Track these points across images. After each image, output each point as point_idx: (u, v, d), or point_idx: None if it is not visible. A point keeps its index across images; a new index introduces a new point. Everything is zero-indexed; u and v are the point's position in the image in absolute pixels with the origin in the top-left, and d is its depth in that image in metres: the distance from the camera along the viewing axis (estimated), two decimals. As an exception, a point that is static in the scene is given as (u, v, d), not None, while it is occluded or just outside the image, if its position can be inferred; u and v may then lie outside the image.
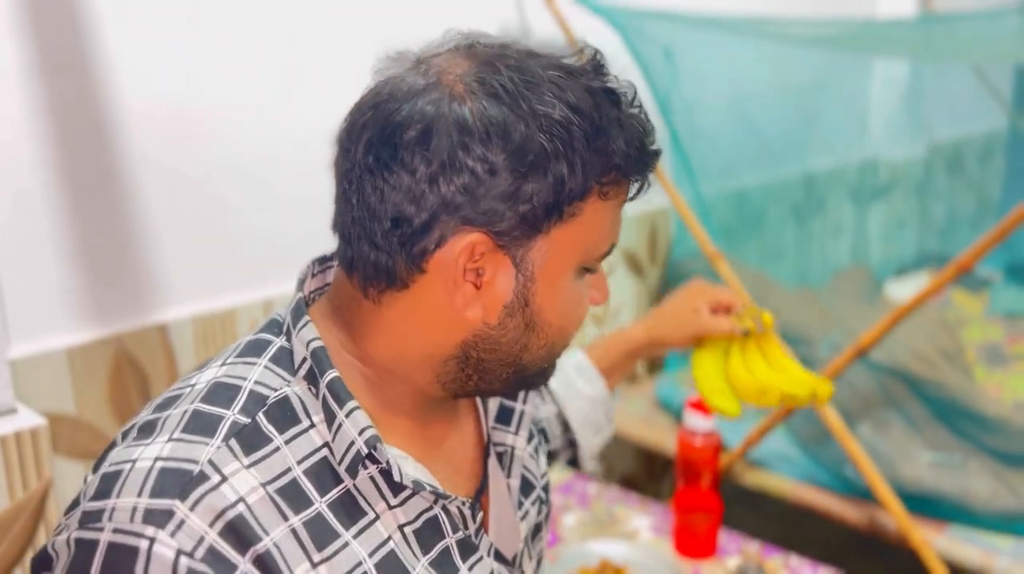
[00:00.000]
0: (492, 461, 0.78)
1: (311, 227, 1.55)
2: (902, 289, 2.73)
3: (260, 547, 0.58)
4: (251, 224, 1.48)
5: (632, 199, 0.69)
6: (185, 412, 0.63)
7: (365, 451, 0.64)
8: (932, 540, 1.57)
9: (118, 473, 0.60)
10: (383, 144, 0.62)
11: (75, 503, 0.61)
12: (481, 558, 0.72)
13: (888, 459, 1.67)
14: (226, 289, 1.46)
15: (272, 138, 1.48)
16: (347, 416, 0.64)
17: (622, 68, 0.72)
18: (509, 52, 0.65)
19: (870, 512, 1.67)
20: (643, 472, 2.41)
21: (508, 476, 0.79)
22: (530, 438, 0.86)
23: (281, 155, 1.49)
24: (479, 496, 0.75)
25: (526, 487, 0.82)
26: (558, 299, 0.67)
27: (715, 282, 2.03)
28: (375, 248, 0.64)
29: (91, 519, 0.58)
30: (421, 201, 0.62)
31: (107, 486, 0.59)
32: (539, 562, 0.87)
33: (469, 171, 0.61)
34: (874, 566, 1.62)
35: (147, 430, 0.62)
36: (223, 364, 0.67)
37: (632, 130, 0.66)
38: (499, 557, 0.75)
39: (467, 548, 0.71)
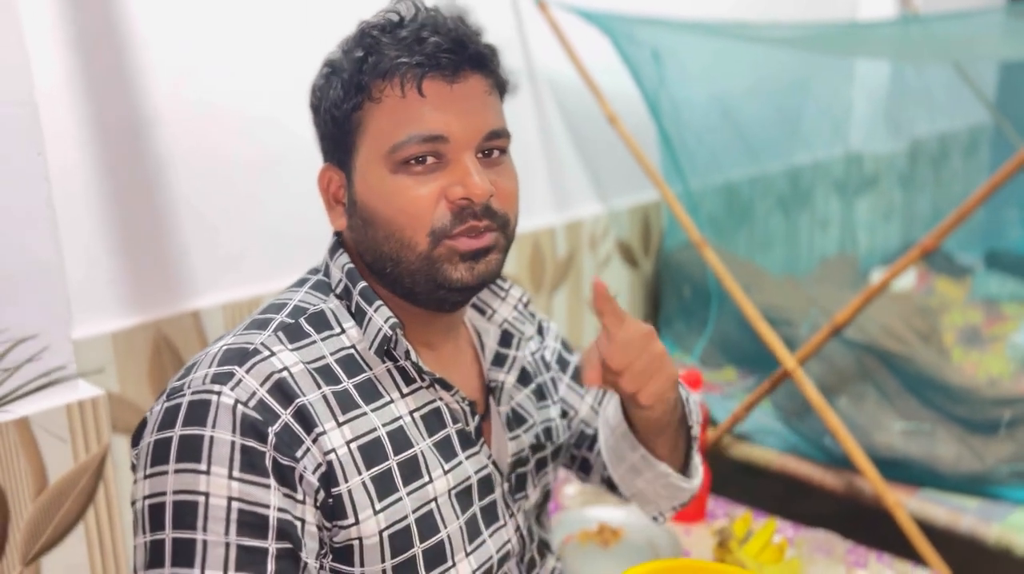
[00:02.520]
0: (492, 398, 0.94)
1: (328, 224, 1.68)
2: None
3: (299, 402, 0.75)
4: (275, 219, 1.61)
5: (424, 73, 0.78)
6: (246, 321, 0.83)
7: (390, 334, 0.80)
8: (904, 502, 1.70)
9: (196, 361, 0.78)
10: None
11: (163, 389, 0.78)
12: (477, 453, 0.87)
13: (864, 429, 1.79)
14: (253, 279, 1.59)
15: (293, 139, 1.60)
16: (375, 311, 0.81)
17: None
18: (366, 21, 0.83)
19: (848, 478, 1.80)
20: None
21: (499, 404, 0.94)
22: (527, 383, 1.00)
23: (301, 154, 1.62)
24: (481, 421, 0.89)
25: (518, 418, 0.96)
26: (374, 191, 0.80)
27: (704, 269, 2.17)
28: None
29: (175, 391, 0.76)
30: None
31: (187, 369, 0.78)
32: (545, 495, 1.01)
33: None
34: (853, 527, 1.74)
35: (219, 338, 0.82)
36: (278, 295, 0.87)
37: (389, 42, 0.79)
38: (496, 467, 0.89)
39: (466, 440, 0.86)
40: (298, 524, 0.73)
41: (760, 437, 1.96)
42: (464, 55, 0.79)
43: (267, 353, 0.76)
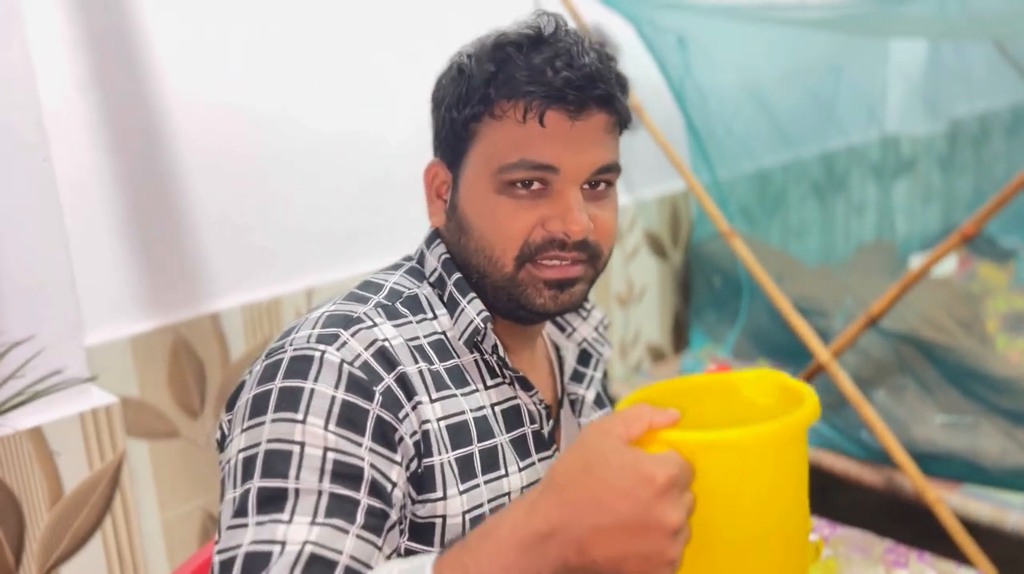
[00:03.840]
0: (565, 409, 0.94)
1: (348, 222, 1.67)
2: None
3: (401, 369, 0.76)
4: (293, 220, 1.59)
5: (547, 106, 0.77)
6: (344, 294, 0.84)
7: (481, 326, 0.81)
8: (946, 498, 1.64)
9: (295, 324, 0.79)
10: None
11: (261, 353, 0.78)
12: (549, 457, 0.87)
13: (902, 422, 1.73)
14: (271, 280, 1.57)
15: (309, 142, 1.58)
16: (468, 303, 0.83)
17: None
18: (501, 31, 0.83)
19: (887, 474, 1.74)
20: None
21: (579, 417, 0.94)
22: (601, 406, 1.00)
23: (319, 157, 1.60)
24: (552, 429, 0.89)
25: None
26: (476, 204, 0.81)
27: (734, 259, 2.11)
28: None
29: (275, 350, 0.76)
30: None
31: (287, 331, 0.79)
32: None
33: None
34: (892, 524, 1.68)
35: (316, 307, 0.82)
36: (372, 275, 0.87)
37: (521, 65, 0.78)
38: None
39: (540, 443, 0.86)
40: (388, 486, 0.73)
41: (795, 431, 1.90)
42: (592, 93, 0.79)
43: (370, 322, 0.78)
